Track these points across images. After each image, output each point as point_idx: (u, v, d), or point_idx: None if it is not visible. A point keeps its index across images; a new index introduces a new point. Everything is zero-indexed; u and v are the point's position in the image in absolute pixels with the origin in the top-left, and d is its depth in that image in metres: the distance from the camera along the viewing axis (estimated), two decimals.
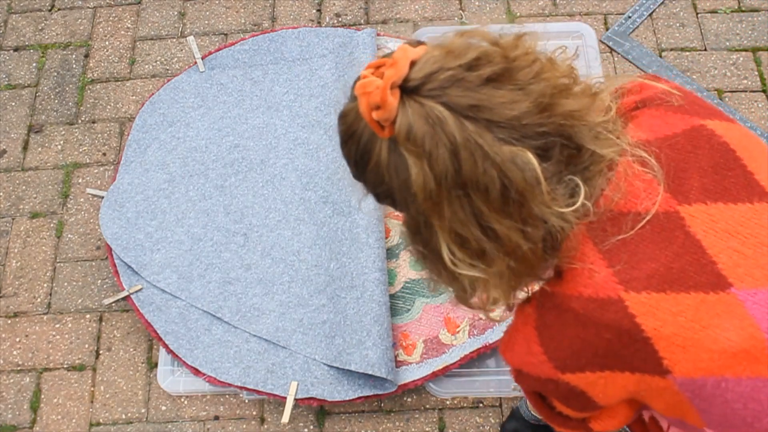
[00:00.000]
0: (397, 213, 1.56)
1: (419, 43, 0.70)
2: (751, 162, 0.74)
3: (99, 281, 1.59)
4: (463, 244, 0.69)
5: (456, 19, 1.86)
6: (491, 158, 0.64)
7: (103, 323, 1.55)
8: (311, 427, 1.42)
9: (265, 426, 1.43)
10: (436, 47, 0.67)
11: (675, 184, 0.72)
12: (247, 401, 1.45)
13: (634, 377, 0.71)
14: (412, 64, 0.66)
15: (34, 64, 1.87)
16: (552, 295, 0.74)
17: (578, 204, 0.69)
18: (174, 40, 1.89)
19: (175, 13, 1.93)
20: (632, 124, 0.77)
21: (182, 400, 1.46)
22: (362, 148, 0.71)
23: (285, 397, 1.39)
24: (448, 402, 1.43)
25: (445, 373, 1.42)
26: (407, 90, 0.66)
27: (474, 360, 1.43)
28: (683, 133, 0.76)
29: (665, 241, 0.70)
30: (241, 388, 1.41)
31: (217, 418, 1.44)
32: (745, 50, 1.78)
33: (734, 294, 0.69)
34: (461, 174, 0.65)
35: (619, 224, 0.71)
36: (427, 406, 1.43)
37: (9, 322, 1.56)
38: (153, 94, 1.75)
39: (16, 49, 1.90)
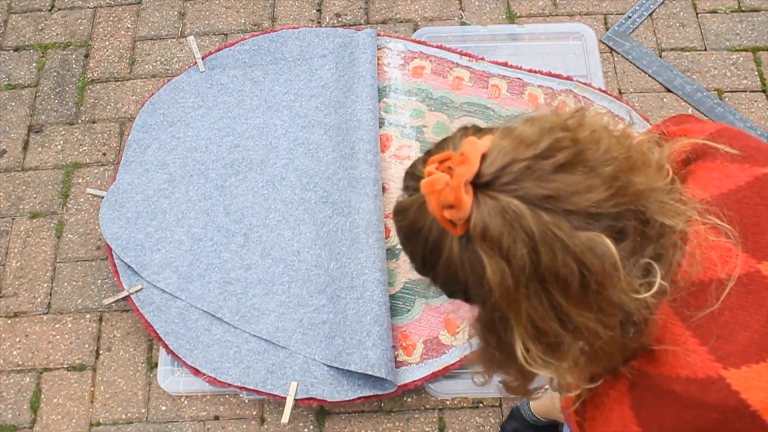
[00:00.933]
0: None
1: (478, 130, 0.68)
2: None
3: (99, 281, 1.59)
4: (539, 339, 0.66)
5: (456, 19, 1.86)
6: (570, 249, 0.62)
7: (103, 323, 1.55)
8: (311, 427, 1.43)
9: (265, 426, 1.43)
10: (505, 137, 0.65)
11: (750, 242, 0.70)
12: (247, 401, 1.45)
13: None
14: (482, 157, 0.64)
15: (34, 64, 1.87)
16: (646, 375, 0.70)
17: (655, 288, 0.66)
18: (174, 40, 1.89)
19: (175, 13, 1.93)
20: (690, 181, 0.74)
21: (182, 400, 1.46)
22: (431, 246, 0.68)
23: (285, 397, 1.39)
24: (448, 402, 1.43)
25: (445, 373, 1.42)
26: (480, 185, 0.63)
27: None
28: (747, 185, 0.73)
29: (754, 306, 0.68)
30: (241, 388, 1.41)
31: (217, 418, 1.44)
32: (745, 50, 1.78)
33: None
34: (540, 268, 0.62)
35: (703, 296, 0.68)
36: (427, 406, 1.43)
37: (9, 322, 1.56)
38: (153, 94, 1.75)
39: (16, 49, 1.90)
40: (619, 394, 0.73)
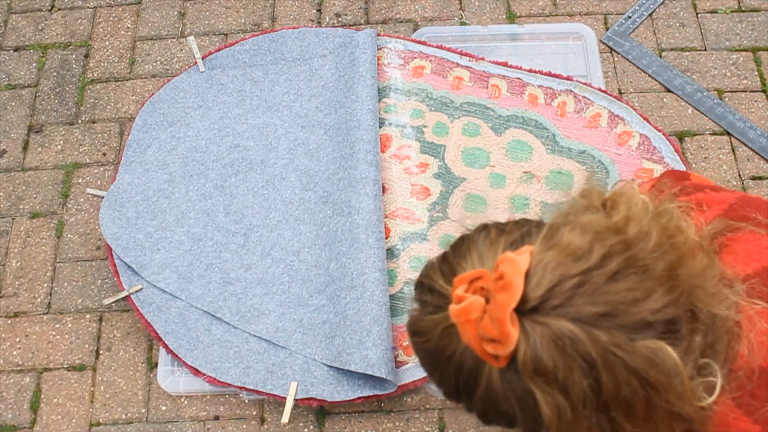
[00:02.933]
0: (397, 213, 1.56)
1: (501, 231, 0.60)
2: None
3: (99, 281, 1.59)
4: None
5: (456, 19, 1.86)
6: (631, 367, 0.54)
7: (103, 323, 1.55)
8: (311, 427, 1.43)
9: (265, 426, 1.43)
10: (548, 248, 0.57)
11: None
12: (247, 401, 1.45)
13: None
14: (526, 277, 0.55)
15: (34, 64, 1.87)
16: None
17: (717, 391, 0.58)
18: (174, 40, 1.89)
19: (175, 13, 1.93)
20: (725, 255, 0.68)
21: (182, 400, 1.46)
22: (466, 375, 0.59)
23: (285, 398, 1.39)
24: (448, 402, 1.43)
25: None
26: (525, 312, 0.55)
27: None
28: None
29: None
30: (241, 388, 1.41)
31: (217, 418, 1.44)
32: (745, 50, 1.78)
33: None
34: (602, 396, 0.55)
35: (766, 384, 0.61)
36: (427, 406, 1.43)
37: (9, 322, 1.56)
38: (153, 94, 1.75)
39: (16, 49, 1.90)
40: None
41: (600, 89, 1.69)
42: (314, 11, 1.90)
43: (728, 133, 1.67)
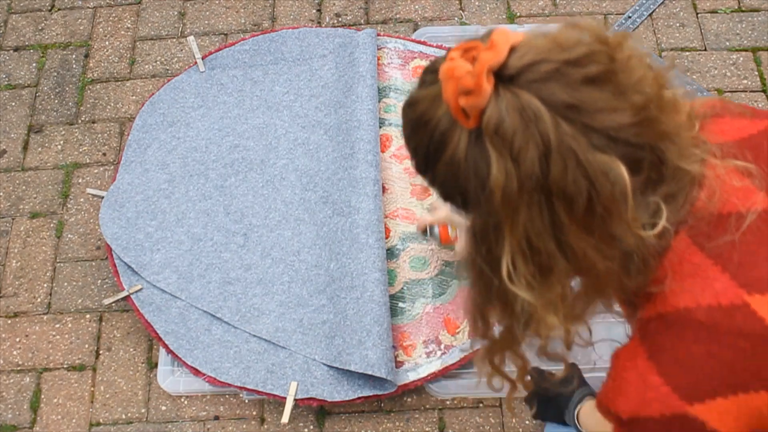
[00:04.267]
0: (397, 214, 1.56)
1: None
2: None
3: (99, 281, 1.59)
4: (530, 257, 0.63)
5: (456, 19, 1.86)
6: (583, 166, 0.59)
7: (103, 323, 1.55)
8: (311, 427, 1.43)
9: (265, 426, 1.43)
10: (540, 36, 0.62)
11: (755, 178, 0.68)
12: (247, 401, 1.45)
13: None
14: (512, 50, 0.60)
15: (34, 64, 1.87)
16: (660, 317, 0.67)
17: (658, 229, 0.64)
18: (174, 40, 1.89)
19: (175, 13, 1.93)
20: (711, 124, 0.73)
21: (182, 400, 1.46)
22: (437, 139, 0.64)
23: (285, 397, 1.39)
24: (448, 402, 1.43)
25: (445, 373, 1.42)
26: (503, 78, 0.60)
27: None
28: (759, 133, 0.73)
29: None
30: (241, 388, 1.41)
31: (217, 418, 1.44)
32: (745, 50, 1.78)
33: None
34: (548, 178, 0.59)
35: (722, 226, 0.66)
36: (427, 406, 1.43)
37: (9, 322, 1.56)
38: (153, 94, 1.75)
39: (16, 49, 1.90)
40: (630, 352, 0.70)
41: None
42: (314, 11, 1.90)
43: None
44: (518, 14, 1.86)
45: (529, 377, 0.85)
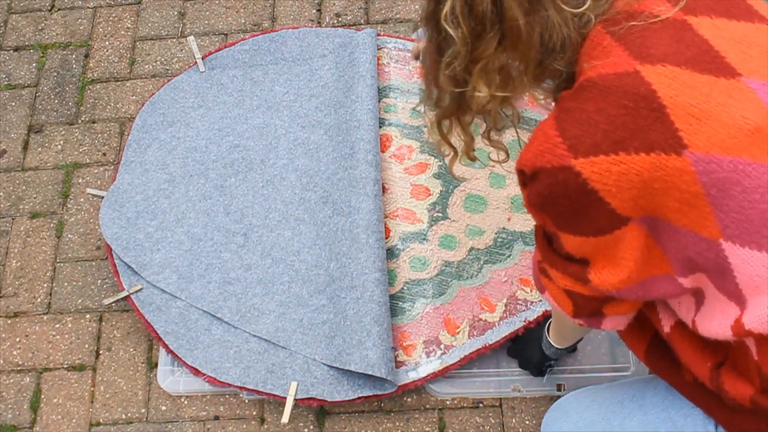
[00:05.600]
0: (397, 214, 1.56)
1: None
2: None
3: (99, 281, 1.59)
4: (468, 15, 0.73)
5: None
6: None
7: (103, 323, 1.55)
8: (311, 427, 1.43)
9: (265, 426, 1.43)
10: None
11: (681, 1, 0.76)
12: (247, 401, 1.45)
13: (649, 159, 0.70)
14: None
15: (34, 64, 1.87)
16: (570, 90, 0.75)
17: (584, 8, 0.73)
18: (174, 40, 1.89)
19: (175, 13, 1.93)
20: None
21: (182, 400, 1.46)
22: None
23: (285, 397, 1.39)
24: (448, 402, 1.43)
25: (445, 373, 1.42)
26: None
27: (474, 360, 1.43)
28: None
29: (676, 37, 0.73)
30: (241, 388, 1.41)
31: (217, 418, 1.44)
32: None
33: (745, 82, 0.71)
34: None
35: (632, 19, 0.74)
36: (427, 406, 1.43)
37: (9, 322, 1.56)
38: (153, 94, 1.75)
39: (16, 49, 1.90)
40: (547, 118, 0.77)
41: None
42: (314, 11, 1.90)
43: None
44: None
45: (471, 152, 0.98)
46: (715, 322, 0.78)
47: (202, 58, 1.79)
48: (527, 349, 1.38)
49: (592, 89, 0.72)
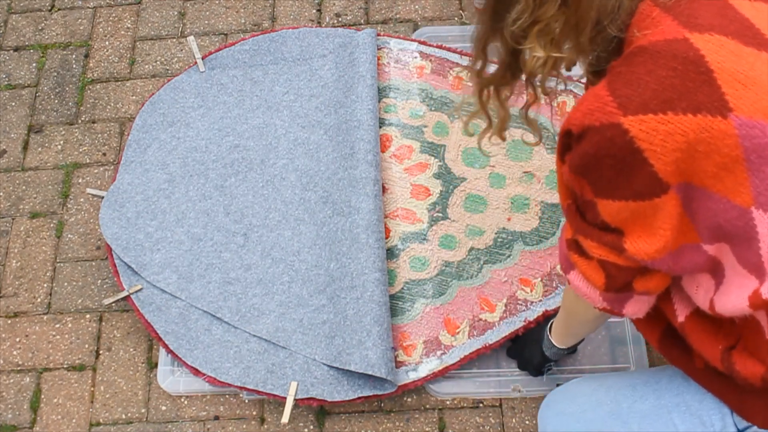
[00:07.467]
0: (397, 214, 1.56)
1: None
2: None
3: (99, 281, 1.59)
4: None
5: (456, 19, 1.86)
6: None
7: (103, 323, 1.55)
8: (311, 427, 1.43)
9: (265, 426, 1.43)
10: None
11: None
12: (247, 401, 1.45)
13: (695, 120, 0.71)
14: None
15: (34, 64, 1.87)
16: (620, 58, 0.78)
17: None
18: (174, 40, 1.89)
19: (175, 13, 1.93)
20: None
21: (182, 400, 1.46)
22: None
23: (285, 397, 1.39)
24: (448, 402, 1.43)
25: (445, 373, 1.42)
26: None
27: (474, 360, 1.43)
28: None
29: (720, 13, 0.76)
30: (241, 388, 1.41)
31: (217, 418, 1.44)
32: None
33: None
34: None
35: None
36: (427, 406, 1.43)
37: (9, 322, 1.56)
38: (153, 94, 1.75)
39: (16, 49, 1.90)
40: (599, 83, 0.79)
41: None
42: (314, 11, 1.90)
43: None
44: None
45: (504, 132, 1.03)
46: (733, 296, 0.79)
47: (202, 58, 1.79)
48: (527, 351, 1.38)
49: (642, 54, 0.75)
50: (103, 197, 1.63)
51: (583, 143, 0.77)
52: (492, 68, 0.94)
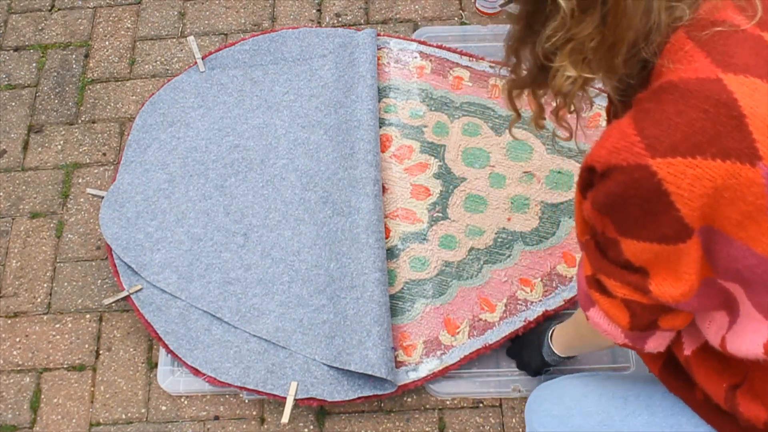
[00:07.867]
0: (397, 214, 1.56)
1: None
2: None
3: (99, 281, 1.59)
4: None
5: (456, 19, 1.86)
6: None
7: (103, 323, 1.55)
8: (311, 427, 1.43)
9: (265, 426, 1.43)
10: None
11: (756, 16, 0.77)
12: (247, 401, 1.45)
13: (724, 166, 0.69)
14: None
15: (34, 64, 1.87)
16: (648, 92, 0.75)
17: (677, 11, 0.74)
18: (174, 40, 1.89)
19: (175, 13, 1.93)
20: None
21: (182, 400, 1.46)
22: None
23: (285, 397, 1.39)
24: (448, 402, 1.43)
25: (445, 373, 1.42)
26: None
27: (474, 360, 1.43)
28: None
29: (755, 50, 0.73)
30: (241, 388, 1.41)
31: (217, 418, 1.44)
32: None
33: None
34: None
35: (714, 25, 0.74)
36: (427, 406, 1.43)
37: (9, 322, 1.56)
38: (153, 94, 1.75)
39: (16, 49, 1.90)
40: (624, 117, 0.76)
41: (599, 89, 1.68)
42: (314, 11, 1.90)
43: None
44: None
45: (541, 121, 1.00)
46: (747, 339, 0.78)
47: (202, 58, 1.79)
48: (526, 353, 1.38)
49: (673, 92, 0.72)
50: (103, 197, 1.63)
51: (608, 182, 0.75)
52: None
